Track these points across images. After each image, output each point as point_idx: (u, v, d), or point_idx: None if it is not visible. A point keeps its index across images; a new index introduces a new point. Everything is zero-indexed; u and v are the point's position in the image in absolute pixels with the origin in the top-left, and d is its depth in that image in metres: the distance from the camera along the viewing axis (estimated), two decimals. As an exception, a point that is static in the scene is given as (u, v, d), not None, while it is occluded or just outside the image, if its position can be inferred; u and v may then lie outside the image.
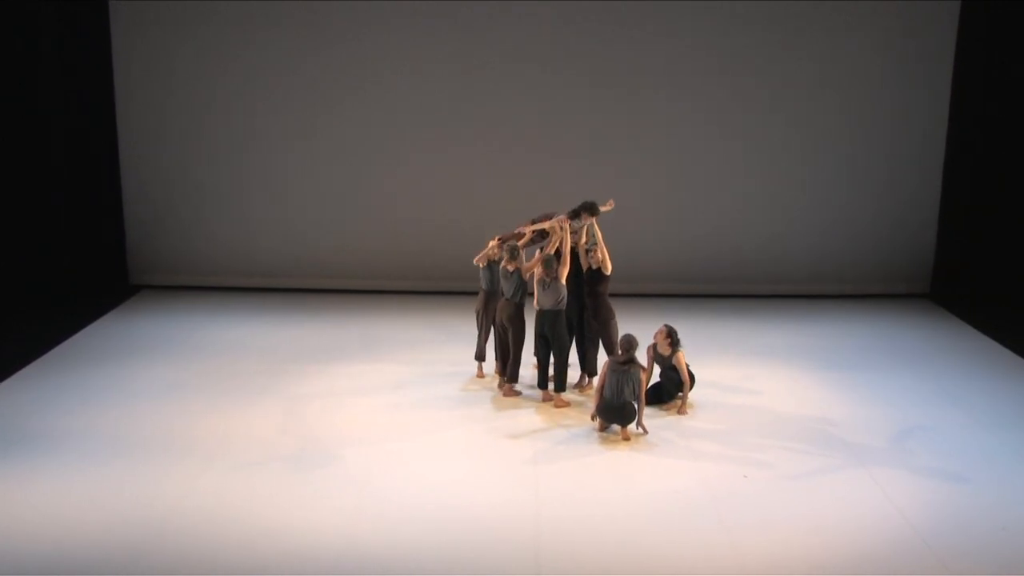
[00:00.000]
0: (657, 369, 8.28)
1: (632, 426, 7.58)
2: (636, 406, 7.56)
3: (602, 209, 8.29)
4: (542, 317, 8.04)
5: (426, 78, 11.42)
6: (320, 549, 6.00)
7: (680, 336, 8.15)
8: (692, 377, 8.21)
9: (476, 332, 8.72)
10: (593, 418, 7.73)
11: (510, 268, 8.14)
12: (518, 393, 8.35)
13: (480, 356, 8.71)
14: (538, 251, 8.39)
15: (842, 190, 11.70)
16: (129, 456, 7.19)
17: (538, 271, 8.01)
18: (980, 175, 11.47)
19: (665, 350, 8.13)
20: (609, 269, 8.17)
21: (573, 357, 8.41)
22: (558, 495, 6.71)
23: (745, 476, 6.98)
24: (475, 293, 8.66)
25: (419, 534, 6.19)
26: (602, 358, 8.10)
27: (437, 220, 11.64)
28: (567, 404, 8.16)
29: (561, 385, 8.19)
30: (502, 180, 11.55)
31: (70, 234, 11.46)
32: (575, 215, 8.25)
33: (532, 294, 8.22)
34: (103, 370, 8.97)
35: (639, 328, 8.00)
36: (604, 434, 7.64)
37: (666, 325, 8.18)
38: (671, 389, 8.18)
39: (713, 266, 11.68)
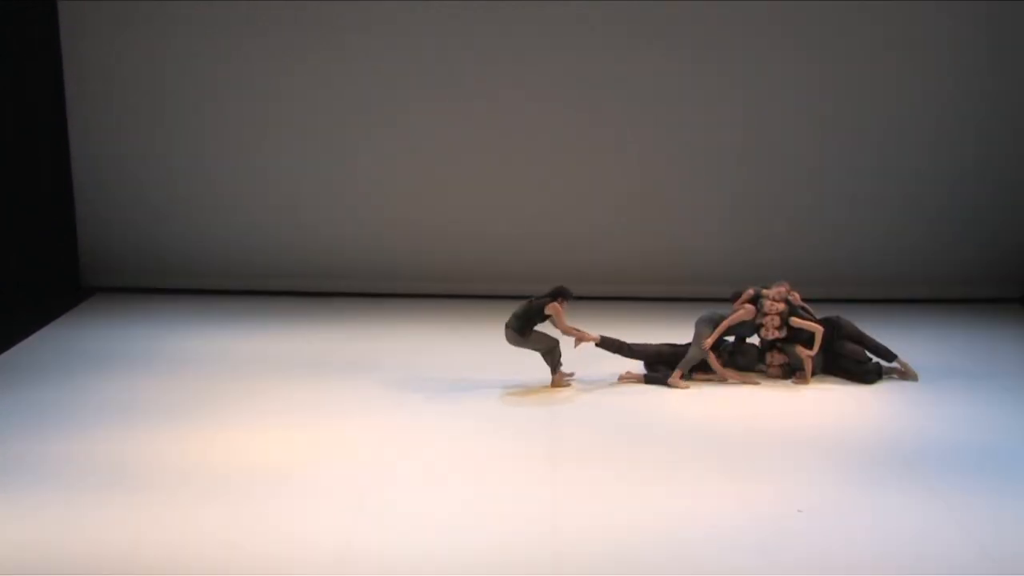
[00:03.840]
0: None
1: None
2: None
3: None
4: None
5: (406, 69, 11.53)
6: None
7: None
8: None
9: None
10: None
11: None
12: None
13: None
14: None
15: (919, 182, 11.68)
16: (78, 488, 7.00)
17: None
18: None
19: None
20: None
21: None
22: (577, 516, 6.70)
23: (800, 511, 6.89)
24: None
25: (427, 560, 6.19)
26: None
27: (419, 219, 11.80)
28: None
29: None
30: (492, 178, 11.74)
31: (13, 230, 11.48)
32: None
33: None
34: (49, 385, 8.90)
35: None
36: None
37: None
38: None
39: (774, 267, 11.54)
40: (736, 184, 11.72)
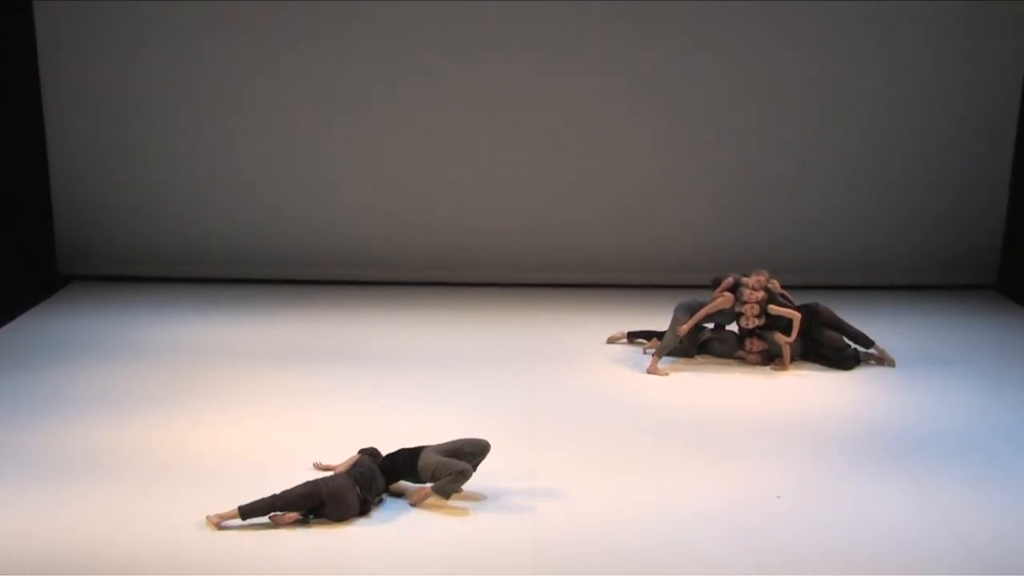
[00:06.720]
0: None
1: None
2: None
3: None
4: None
5: (387, 56, 11.37)
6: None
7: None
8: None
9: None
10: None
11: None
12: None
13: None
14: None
15: (896, 168, 11.63)
16: (55, 478, 6.96)
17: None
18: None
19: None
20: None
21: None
22: (557, 503, 6.72)
23: (779, 496, 6.87)
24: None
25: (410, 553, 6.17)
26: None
27: (400, 208, 11.66)
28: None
29: None
30: (476, 167, 11.63)
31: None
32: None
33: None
34: (25, 373, 8.84)
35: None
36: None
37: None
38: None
39: (751, 254, 11.59)
40: (715, 173, 11.65)
